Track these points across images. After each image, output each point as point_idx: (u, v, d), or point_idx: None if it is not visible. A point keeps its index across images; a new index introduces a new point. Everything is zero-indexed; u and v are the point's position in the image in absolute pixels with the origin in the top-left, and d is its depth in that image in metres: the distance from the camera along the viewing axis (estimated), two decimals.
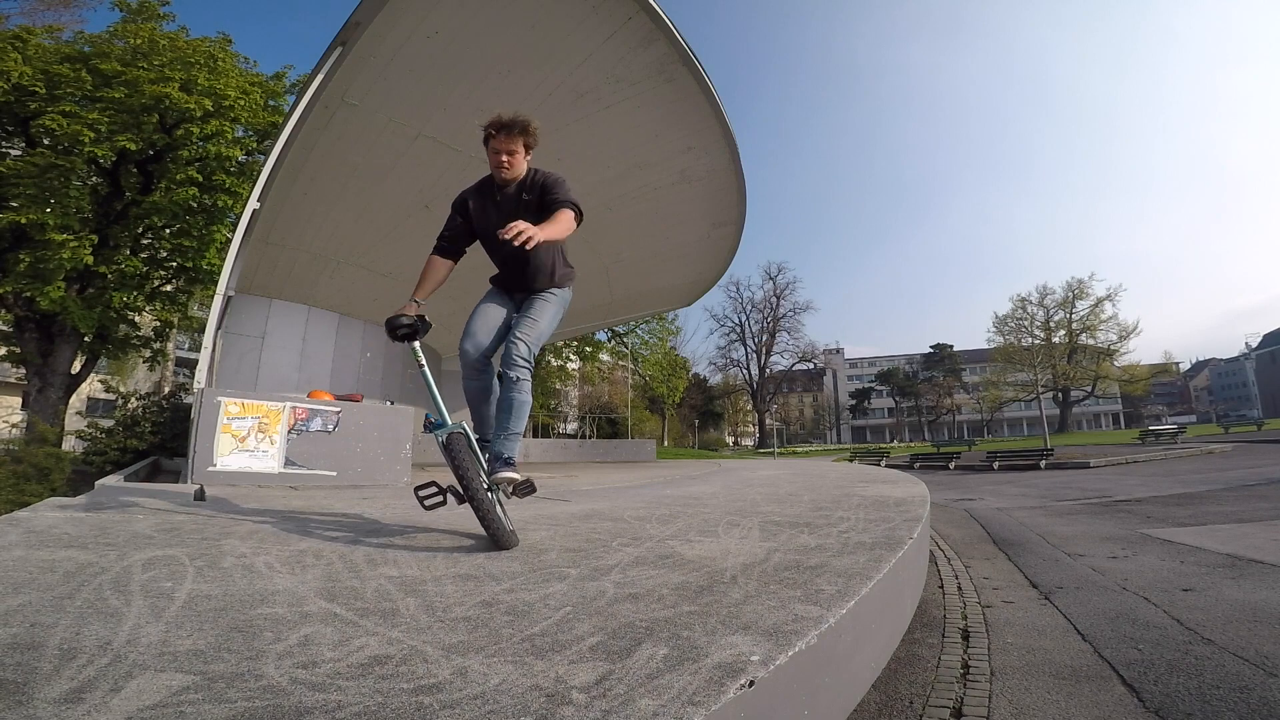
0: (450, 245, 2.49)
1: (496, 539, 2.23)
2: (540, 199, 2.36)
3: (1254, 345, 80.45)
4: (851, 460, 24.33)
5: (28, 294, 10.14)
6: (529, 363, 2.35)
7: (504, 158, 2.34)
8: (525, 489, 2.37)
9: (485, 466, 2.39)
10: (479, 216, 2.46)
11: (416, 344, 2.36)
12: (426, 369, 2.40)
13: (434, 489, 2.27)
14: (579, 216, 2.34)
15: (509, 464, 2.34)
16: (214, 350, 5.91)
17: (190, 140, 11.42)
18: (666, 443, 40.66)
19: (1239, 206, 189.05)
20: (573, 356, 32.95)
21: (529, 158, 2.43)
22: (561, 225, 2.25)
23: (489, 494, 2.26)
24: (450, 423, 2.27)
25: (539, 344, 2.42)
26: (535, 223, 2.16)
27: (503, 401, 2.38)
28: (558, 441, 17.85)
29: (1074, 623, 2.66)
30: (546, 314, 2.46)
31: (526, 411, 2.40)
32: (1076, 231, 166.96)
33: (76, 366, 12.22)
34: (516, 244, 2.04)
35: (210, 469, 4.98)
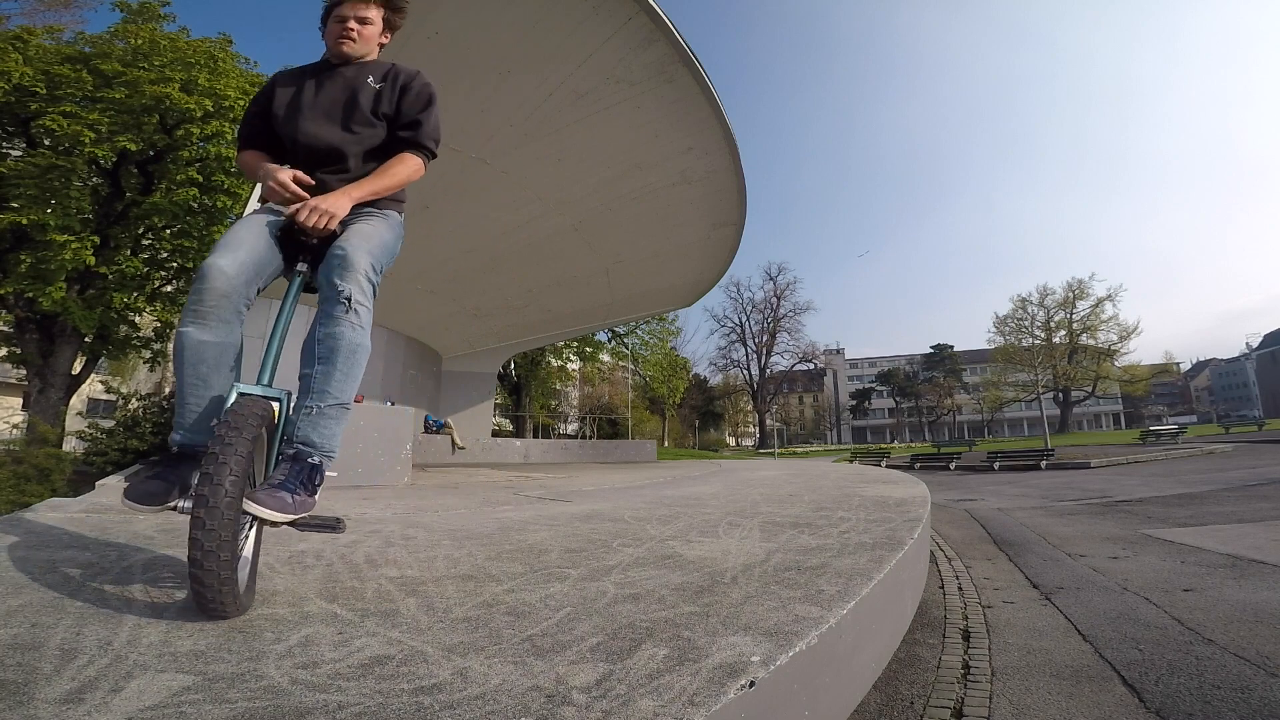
0: (252, 141, 1.79)
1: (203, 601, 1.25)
2: (398, 109, 1.74)
3: (1254, 345, 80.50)
4: (852, 461, 24.32)
5: (29, 295, 10.17)
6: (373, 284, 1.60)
7: (351, 24, 1.72)
8: (322, 527, 1.43)
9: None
10: (285, 96, 1.73)
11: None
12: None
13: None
14: (428, 161, 1.79)
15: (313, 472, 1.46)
16: None
17: (191, 141, 11.45)
18: (667, 443, 40.65)
19: (1239, 207, 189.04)
20: (573, 357, 32.91)
21: (387, 39, 1.84)
22: (400, 178, 1.70)
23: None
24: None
25: (380, 267, 1.64)
26: (382, 125, 1.70)
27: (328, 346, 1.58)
28: (558, 442, 17.86)
29: (1075, 623, 2.66)
30: (379, 232, 1.67)
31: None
32: (1076, 231, 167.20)
33: (77, 367, 12.23)
34: (312, 225, 1.52)
35: None
